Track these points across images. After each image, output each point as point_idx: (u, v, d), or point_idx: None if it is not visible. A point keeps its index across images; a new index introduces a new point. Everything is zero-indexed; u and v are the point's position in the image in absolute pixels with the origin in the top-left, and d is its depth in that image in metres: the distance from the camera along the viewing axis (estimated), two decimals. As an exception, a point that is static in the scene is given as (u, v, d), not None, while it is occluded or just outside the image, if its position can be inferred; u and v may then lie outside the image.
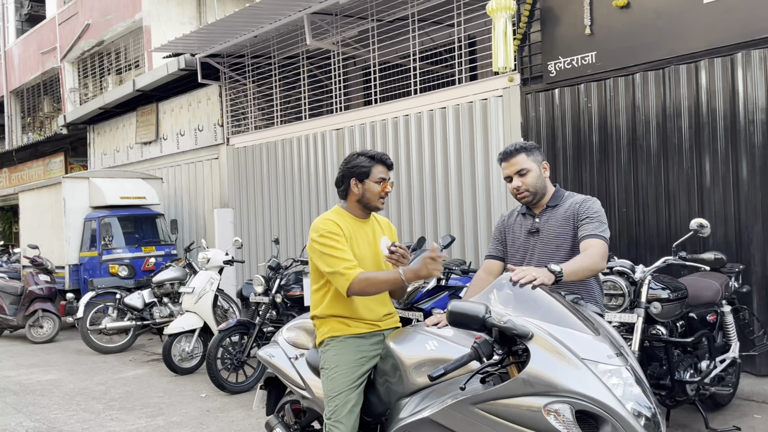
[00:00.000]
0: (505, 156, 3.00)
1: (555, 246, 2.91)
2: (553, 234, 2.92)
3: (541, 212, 3.00)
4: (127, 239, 10.16)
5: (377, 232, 3.09)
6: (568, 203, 2.95)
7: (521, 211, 3.08)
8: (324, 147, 8.98)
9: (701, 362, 4.32)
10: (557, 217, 2.94)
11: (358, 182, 2.97)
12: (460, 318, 2.24)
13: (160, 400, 5.88)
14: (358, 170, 2.96)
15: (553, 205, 2.97)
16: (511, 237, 3.07)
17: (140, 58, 15.62)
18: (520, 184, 2.95)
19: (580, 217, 2.85)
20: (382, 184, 2.97)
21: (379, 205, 3.01)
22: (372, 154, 2.98)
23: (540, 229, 2.96)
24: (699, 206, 5.63)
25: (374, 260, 3.01)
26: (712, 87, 5.54)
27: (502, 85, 6.99)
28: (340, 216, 3.00)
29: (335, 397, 2.82)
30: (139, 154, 12.93)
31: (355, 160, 2.99)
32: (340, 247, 2.85)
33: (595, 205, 2.88)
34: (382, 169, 2.97)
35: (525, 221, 3.04)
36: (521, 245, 3.01)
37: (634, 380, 2.19)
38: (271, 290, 6.24)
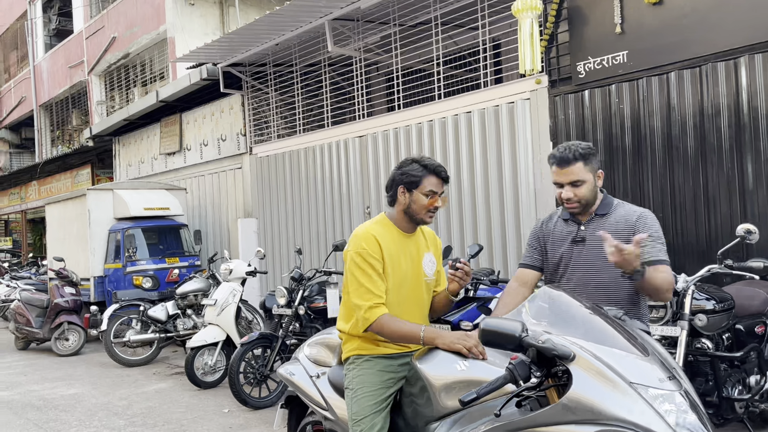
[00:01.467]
0: (561, 162, 2.71)
1: (602, 258, 2.63)
2: (602, 246, 2.67)
3: (589, 220, 2.76)
4: (151, 250, 10.12)
5: (421, 247, 2.86)
6: (620, 214, 2.74)
7: (563, 217, 2.83)
8: (347, 155, 8.83)
9: (750, 377, 4.05)
10: (606, 228, 2.71)
11: (406, 191, 2.76)
12: (494, 337, 2.05)
13: (182, 415, 5.75)
14: (408, 178, 2.75)
15: (602, 213, 2.75)
16: (552, 244, 2.82)
17: (165, 69, 15.71)
18: (571, 196, 2.69)
19: (638, 232, 2.65)
20: (431, 198, 2.73)
21: (426, 219, 2.79)
22: (426, 163, 2.75)
23: (586, 239, 2.73)
24: (741, 210, 5.34)
25: (414, 279, 2.79)
26: (754, 84, 5.26)
27: (530, 87, 6.77)
28: (385, 229, 2.78)
29: (360, 421, 2.63)
30: (163, 164, 12.94)
31: (408, 166, 2.78)
32: (374, 276, 2.65)
33: (654, 222, 2.73)
34: (434, 181, 2.74)
35: (568, 228, 2.79)
36: (563, 254, 2.77)
37: (689, 406, 1.97)
38: (294, 302, 6.09)
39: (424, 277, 2.80)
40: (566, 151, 2.70)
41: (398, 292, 2.73)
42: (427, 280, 2.82)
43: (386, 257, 2.71)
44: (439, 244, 3.00)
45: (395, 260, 2.73)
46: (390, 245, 2.73)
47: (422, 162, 2.76)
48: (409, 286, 2.75)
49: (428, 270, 2.82)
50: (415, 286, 2.78)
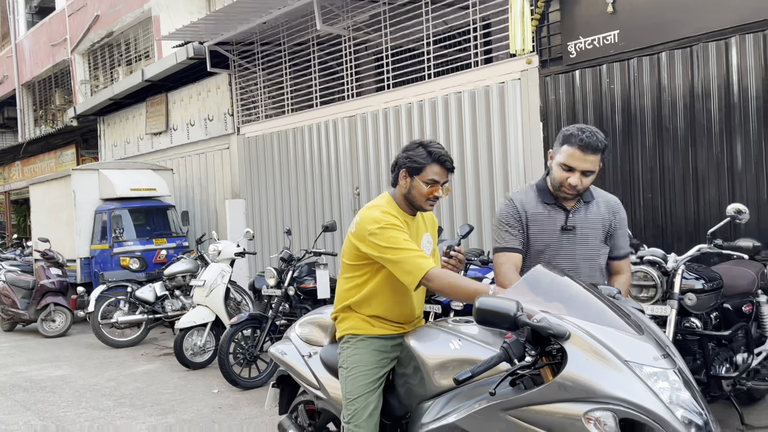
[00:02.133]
0: (586, 147, 2.53)
1: (590, 247, 2.71)
2: (590, 235, 2.71)
3: (576, 208, 2.71)
4: (138, 231, 10.04)
5: (420, 229, 2.83)
6: (602, 201, 2.76)
7: (544, 200, 2.70)
8: (336, 135, 8.77)
9: (737, 355, 4.09)
10: (594, 217, 2.72)
11: (407, 175, 2.67)
12: (489, 316, 2.03)
13: (171, 396, 5.74)
14: (411, 163, 2.65)
15: (587, 201, 2.73)
16: (537, 229, 2.70)
17: (150, 48, 15.46)
18: (578, 184, 2.58)
19: (617, 226, 2.77)
20: (432, 187, 2.64)
21: (426, 207, 2.71)
22: (432, 150, 2.63)
23: (576, 227, 2.68)
24: (730, 191, 5.36)
25: None
26: (744, 65, 5.26)
27: (520, 67, 6.73)
28: (390, 208, 2.71)
29: (354, 400, 2.62)
30: (150, 145, 12.79)
31: (414, 150, 2.67)
32: (404, 234, 2.57)
33: (624, 212, 2.82)
34: (438, 170, 2.63)
35: (555, 214, 2.69)
36: (552, 241, 2.68)
37: (683, 383, 1.97)
38: (284, 283, 6.07)
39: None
40: (594, 138, 2.54)
41: None
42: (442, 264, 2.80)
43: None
44: (436, 224, 2.99)
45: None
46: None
47: (428, 148, 2.65)
48: None
49: (426, 251, 2.80)
50: None
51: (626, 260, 2.82)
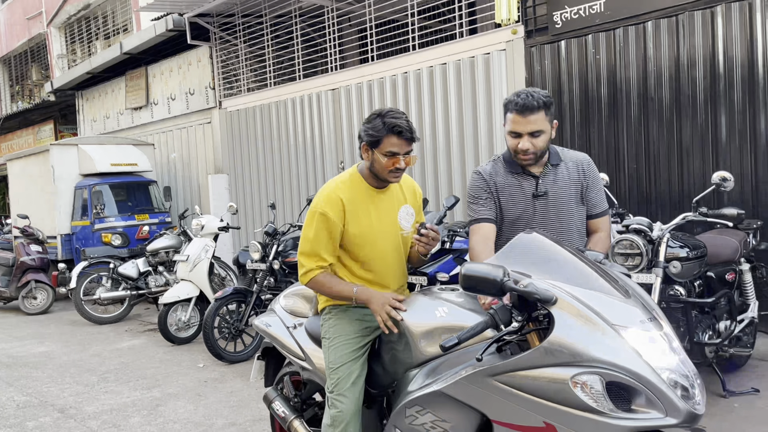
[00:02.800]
0: (523, 110, 2.49)
1: (565, 209, 2.64)
2: (564, 197, 2.64)
3: (545, 173, 2.64)
4: (119, 207, 9.91)
5: (397, 200, 2.73)
6: (570, 162, 2.68)
7: (512, 170, 2.65)
8: (320, 108, 8.67)
9: (719, 323, 4.13)
10: (563, 178, 2.64)
11: (369, 148, 2.58)
12: (476, 282, 2.00)
13: (156, 371, 5.71)
14: (368, 137, 2.55)
15: (555, 163, 2.66)
16: (506, 200, 2.65)
17: (128, 21, 15.14)
18: (529, 147, 2.53)
19: (589, 184, 2.69)
20: (391, 158, 2.52)
21: (390, 179, 2.61)
22: (387, 120, 2.50)
23: (548, 192, 2.62)
24: (714, 161, 5.38)
25: (390, 234, 2.69)
26: (729, 34, 5.24)
27: (506, 38, 6.66)
28: (353, 186, 2.65)
29: (337, 369, 2.60)
30: (130, 120, 12.58)
31: (373, 121, 2.55)
32: (325, 240, 2.60)
33: (596, 168, 2.76)
34: (396, 142, 2.50)
35: (524, 181, 2.64)
36: (525, 209, 2.63)
37: (669, 347, 1.97)
38: (268, 257, 6.03)
39: (400, 231, 2.72)
40: (529, 98, 2.50)
41: (372, 247, 2.66)
42: (403, 233, 2.73)
43: (350, 217, 2.61)
44: (419, 194, 2.87)
45: (363, 217, 2.63)
46: (357, 203, 2.63)
47: (385, 118, 2.52)
48: (384, 240, 2.67)
49: (405, 223, 2.73)
50: (391, 240, 2.70)
51: (603, 218, 2.73)
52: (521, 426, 2.02)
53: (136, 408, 4.71)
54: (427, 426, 2.28)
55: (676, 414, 1.83)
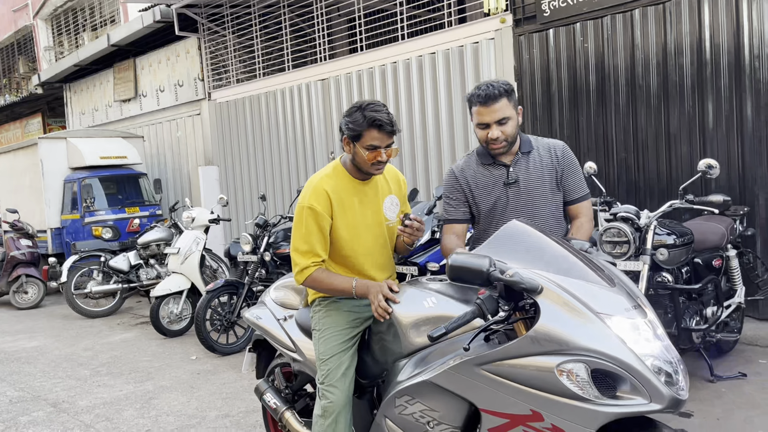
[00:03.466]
0: (486, 100, 2.55)
1: (538, 196, 2.65)
2: (536, 184, 2.65)
3: (515, 160, 2.66)
4: (109, 200, 9.87)
5: (381, 191, 2.74)
6: (542, 149, 2.69)
7: (483, 162, 2.69)
8: (309, 98, 8.65)
9: (707, 309, 4.17)
10: (535, 165, 2.65)
11: (349, 142, 2.59)
12: (462, 272, 2.02)
13: (149, 364, 5.72)
14: (349, 131, 2.56)
15: (526, 151, 2.67)
16: (480, 192, 2.68)
17: (115, 12, 15.00)
18: (499, 135, 2.55)
19: (564, 169, 2.69)
20: (372, 152, 2.53)
21: (373, 171, 2.62)
22: (367, 114, 2.51)
23: (519, 179, 2.64)
24: (701, 148, 5.41)
25: (375, 225, 2.70)
26: (716, 21, 5.26)
27: (494, 27, 6.66)
28: (337, 178, 2.66)
29: (327, 360, 2.62)
30: (119, 112, 12.51)
31: (353, 114, 2.55)
32: (317, 235, 2.60)
33: (572, 153, 2.75)
34: (376, 135, 2.51)
35: (495, 171, 2.67)
36: (496, 199, 2.66)
37: (653, 334, 1.99)
38: (260, 249, 6.03)
39: (385, 222, 2.73)
40: (490, 88, 2.55)
41: (358, 239, 2.67)
42: (389, 224, 2.74)
43: (337, 210, 2.62)
44: (403, 183, 2.88)
45: (349, 210, 2.64)
46: (342, 196, 2.64)
47: (365, 111, 2.52)
48: (369, 232, 2.69)
49: (390, 213, 2.74)
50: (377, 232, 2.71)
51: (583, 203, 2.73)
52: (509, 414, 2.04)
53: (129, 401, 4.73)
54: (417, 415, 2.30)
55: (660, 400, 1.86)
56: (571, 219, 2.76)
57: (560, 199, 2.72)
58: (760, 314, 5.24)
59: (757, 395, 3.93)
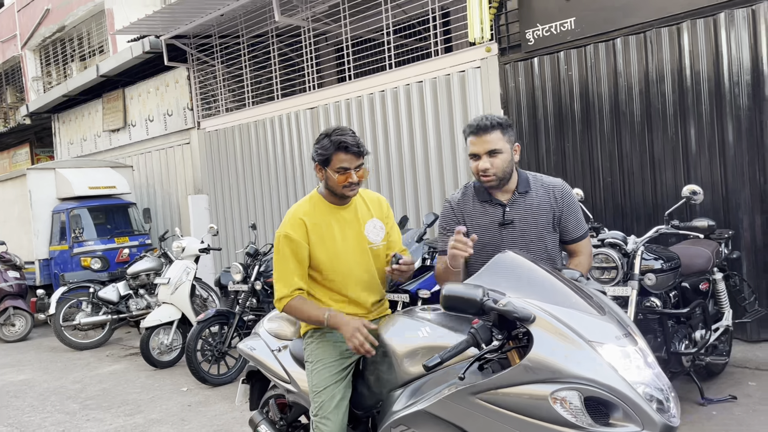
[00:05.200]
0: (478, 130, 2.59)
1: (533, 238, 2.63)
2: (532, 226, 2.64)
3: (512, 200, 2.65)
4: (98, 231, 9.83)
5: (362, 215, 2.78)
6: (540, 188, 2.68)
7: (481, 198, 2.67)
8: (298, 127, 8.72)
9: (695, 332, 4.22)
10: (532, 206, 2.64)
11: (321, 167, 2.67)
12: (456, 302, 2.06)
13: (138, 396, 5.67)
14: (318, 157, 2.65)
15: (523, 191, 2.66)
16: (474, 227, 2.67)
17: (104, 43, 15.12)
18: (488, 166, 2.56)
19: (563, 210, 2.67)
20: (342, 175, 2.61)
21: (347, 194, 2.68)
22: (334, 138, 2.60)
23: (515, 221, 2.63)
24: (685, 173, 5.51)
25: (356, 250, 2.73)
26: (696, 49, 5.40)
27: (480, 55, 6.78)
28: (314, 206, 2.73)
29: (321, 392, 2.63)
30: (107, 142, 12.52)
31: (320, 141, 2.65)
32: (293, 264, 2.68)
33: (572, 192, 2.74)
34: (344, 157, 2.59)
35: (492, 210, 2.66)
36: (492, 239, 2.64)
37: (644, 361, 2.03)
38: (250, 278, 6.03)
39: (368, 245, 2.76)
40: (483, 120, 2.60)
41: (339, 264, 2.71)
42: (373, 247, 2.77)
43: (313, 236, 2.67)
44: (386, 206, 2.89)
45: (327, 235, 2.69)
46: (320, 223, 2.69)
47: (332, 137, 2.61)
48: (351, 256, 2.72)
49: (373, 237, 2.77)
50: (359, 255, 2.74)
51: (583, 242, 2.73)
52: (504, 443, 2.06)
53: (119, 435, 4.68)
54: (412, 445, 2.31)
55: (652, 427, 1.89)
56: (570, 256, 2.77)
57: (556, 239, 2.70)
58: (748, 336, 5.30)
59: (747, 417, 3.96)
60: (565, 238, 2.73)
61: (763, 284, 5.20)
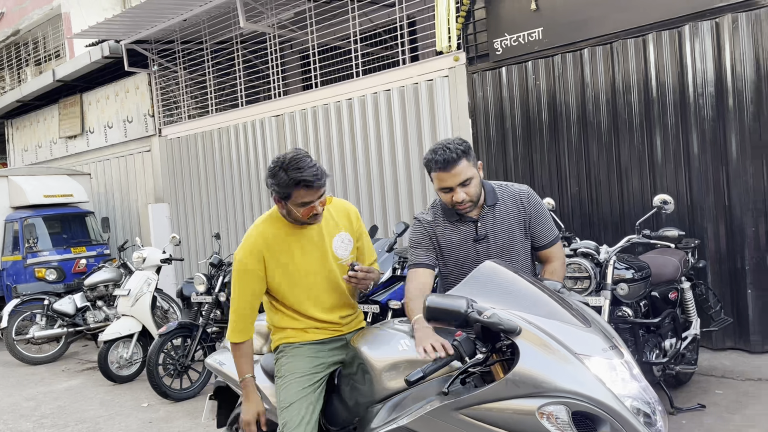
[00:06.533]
0: (445, 165, 2.48)
1: (508, 249, 2.61)
2: (505, 238, 2.62)
3: (482, 215, 2.61)
4: (54, 240, 9.48)
5: (328, 231, 2.67)
6: (508, 198, 2.65)
7: (450, 219, 2.63)
8: (263, 134, 8.58)
9: (665, 341, 4.24)
10: (502, 218, 2.62)
11: (280, 200, 2.54)
12: (440, 314, 1.99)
13: (96, 413, 5.43)
14: (276, 191, 2.51)
15: (491, 204, 2.62)
16: (448, 247, 2.63)
17: (60, 47, 14.69)
18: (464, 197, 2.51)
19: (532, 216, 2.65)
20: (307, 208, 2.49)
21: (311, 222, 2.58)
22: (293, 176, 2.42)
23: (488, 235, 2.60)
24: (651, 182, 5.57)
25: (322, 267, 2.64)
26: (661, 61, 5.47)
27: (448, 64, 6.77)
28: (274, 226, 2.61)
29: (287, 409, 2.52)
30: (64, 149, 12.14)
31: (277, 175, 2.46)
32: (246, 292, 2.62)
33: (538, 198, 2.72)
34: (304, 193, 2.45)
35: (463, 227, 2.62)
36: (467, 255, 2.61)
37: (630, 374, 1.99)
38: (214, 289, 5.85)
39: (337, 261, 2.67)
40: (447, 152, 2.48)
41: (299, 287, 2.62)
42: (341, 262, 2.67)
43: (272, 264, 2.58)
44: (355, 216, 2.79)
45: (287, 259, 2.59)
46: (280, 245, 2.59)
47: (290, 173, 2.43)
48: (314, 276, 2.62)
49: (341, 252, 2.68)
50: (324, 275, 2.64)
51: (554, 247, 2.71)
52: (489, 459, 1.99)
53: (76, 454, 4.47)
54: (392, 463, 2.22)
55: (640, 441, 1.85)
56: (543, 263, 2.74)
57: (529, 247, 2.69)
58: (714, 345, 5.36)
59: (715, 426, 3.98)
60: (537, 244, 2.71)
61: (727, 293, 5.28)
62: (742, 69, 5.09)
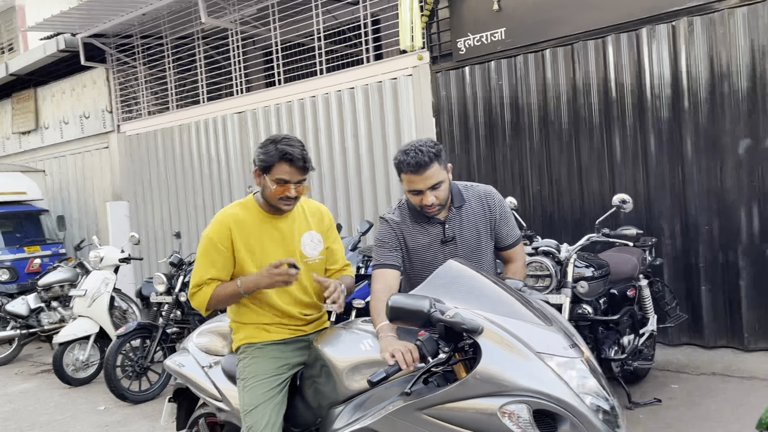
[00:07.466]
0: (418, 168, 2.45)
1: (474, 250, 2.63)
2: (472, 239, 2.63)
3: (449, 217, 2.61)
4: (6, 239, 9.18)
5: (298, 227, 2.66)
6: (474, 199, 2.66)
7: (418, 220, 2.61)
8: (225, 131, 8.46)
9: (623, 338, 4.32)
10: (469, 219, 2.63)
11: (260, 173, 2.54)
12: (402, 314, 1.99)
13: (51, 417, 5.28)
14: (260, 162, 2.51)
15: (458, 205, 2.63)
16: (417, 247, 2.61)
17: (14, 40, 14.25)
18: (434, 200, 2.49)
19: (497, 217, 2.67)
20: (282, 186, 2.49)
21: (281, 207, 2.55)
22: (281, 147, 2.46)
23: (456, 237, 2.61)
24: (610, 182, 5.67)
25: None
26: (620, 63, 5.57)
27: (412, 63, 6.78)
28: (247, 212, 2.60)
29: (251, 412, 2.48)
30: (17, 145, 11.78)
31: (266, 146, 2.51)
32: (210, 262, 2.54)
33: (502, 199, 2.73)
34: (287, 169, 2.46)
35: (431, 228, 2.61)
36: (435, 256, 2.60)
37: (590, 371, 2.02)
38: (174, 288, 5.75)
39: (304, 259, 2.65)
40: (420, 155, 2.45)
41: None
42: (308, 261, 2.66)
43: (239, 245, 2.55)
44: (327, 217, 2.78)
45: (255, 246, 2.57)
46: (250, 230, 2.57)
47: (278, 145, 2.47)
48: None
49: (310, 251, 2.66)
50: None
51: (516, 248, 2.73)
52: (452, 459, 2.00)
53: (30, 460, 4.34)
54: (355, 464, 2.21)
55: (599, 437, 1.87)
56: (505, 263, 2.77)
57: (493, 247, 2.72)
58: (670, 341, 5.49)
59: (672, 420, 4.07)
60: (499, 245, 2.73)
61: (683, 289, 5.40)
62: (698, 71, 5.22)
